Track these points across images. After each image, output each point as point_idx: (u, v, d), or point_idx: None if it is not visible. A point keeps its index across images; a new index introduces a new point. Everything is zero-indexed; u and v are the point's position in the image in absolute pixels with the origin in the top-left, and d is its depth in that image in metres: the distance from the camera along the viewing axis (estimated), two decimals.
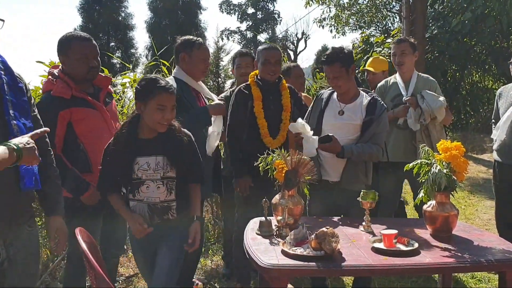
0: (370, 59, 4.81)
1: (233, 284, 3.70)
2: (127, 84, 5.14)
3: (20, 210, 2.03)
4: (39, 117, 2.14)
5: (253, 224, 2.75)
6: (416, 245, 2.30)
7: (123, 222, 2.93)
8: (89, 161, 2.77)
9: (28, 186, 1.93)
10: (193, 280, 3.68)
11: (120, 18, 25.83)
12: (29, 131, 1.92)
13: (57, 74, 2.79)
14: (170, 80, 3.15)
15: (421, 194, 2.53)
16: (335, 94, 3.23)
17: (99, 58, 2.87)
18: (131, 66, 6.70)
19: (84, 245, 1.95)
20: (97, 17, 25.19)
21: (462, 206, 6.06)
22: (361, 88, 3.27)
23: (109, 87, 3.05)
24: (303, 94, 4.35)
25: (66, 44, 2.76)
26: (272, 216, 2.74)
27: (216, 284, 3.80)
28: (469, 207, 6.02)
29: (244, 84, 3.61)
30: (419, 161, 2.52)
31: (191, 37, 3.23)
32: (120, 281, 3.92)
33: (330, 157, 3.13)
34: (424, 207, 2.55)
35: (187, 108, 3.09)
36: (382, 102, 3.17)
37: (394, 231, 2.33)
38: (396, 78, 4.03)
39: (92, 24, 24.88)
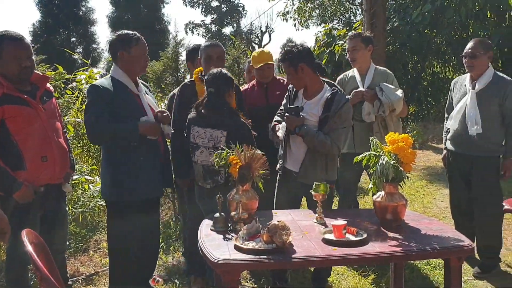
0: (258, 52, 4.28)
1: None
2: (83, 81, 5.05)
3: None
4: None
5: (208, 220, 2.76)
6: (365, 235, 2.36)
7: (64, 219, 3.16)
8: (23, 158, 2.81)
9: None
10: (154, 276, 3.68)
11: (80, 13, 25.22)
12: None
13: None
14: (106, 80, 3.10)
15: (371, 185, 2.59)
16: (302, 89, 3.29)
17: (33, 58, 2.91)
18: (89, 62, 6.61)
19: (29, 247, 1.92)
20: (57, 12, 24.49)
21: (421, 195, 6.22)
22: (327, 80, 3.30)
23: (48, 85, 3.08)
24: None
25: None
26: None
27: (176, 280, 3.80)
28: (427, 196, 6.18)
29: (188, 80, 3.68)
30: (367, 153, 2.58)
31: (127, 32, 3.12)
32: (80, 280, 3.88)
33: (293, 146, 3.23)
34: (374, 197, 2.62)
35: (119, 116, 3.01)
36: (343, 96, 3.17)
37: (344, 222, 2.38)
38: (354, 71, 4.09)
39: (51, 19, 24.23)
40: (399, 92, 3.81)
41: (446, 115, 4.09)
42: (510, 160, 3.71)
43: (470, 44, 3.73)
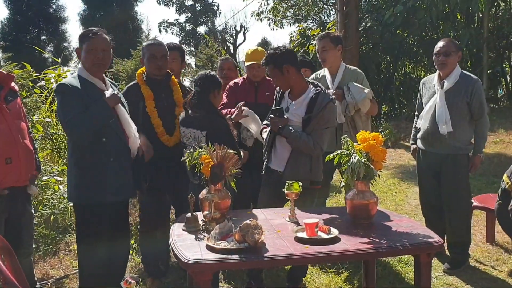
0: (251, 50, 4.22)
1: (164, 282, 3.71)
2: (52, 80, 4.95)
3: None
4: None
5: (180, 220, 2.73)
6: (337, 232, 2.38)
7: (29, 221, 3.10)
8: None
9: None
10: (126, 278, 3.63)
11: (51, 10, 24.62)
12: None
13: None
14: (74, 79, 2.99)
15: (342, 183, 2.61)
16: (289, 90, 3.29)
17: None
18: (60, 61, 6.48)
19: None
20: (26, 9, 23.81)
21: (393, 193, 6.29)
22: (312, 81, 3.30)
23: (13, 84, 2.98)
24: None
25: None
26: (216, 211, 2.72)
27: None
28: (399, 194, 6.26)
29: (132, 83, 3.63)
30: (339, 151, 2.59)
31: (90, 28, 3.04)
32: (50, 283, 3.80)
33: (278, 146, 3.24)
34: (345, 195, 2.63)
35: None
36: (327, 96, 3.14)
37: (316, 220, 2.39)
38: (325, 71, 4.11)
39: (20, 17, 23.55)
40: (366, 91, 3.82)
41: (416, 113, 4.15)
42: (478, 157, 3.80)
43: (442, 43, 3.78)
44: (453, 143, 3.74)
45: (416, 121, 4.11)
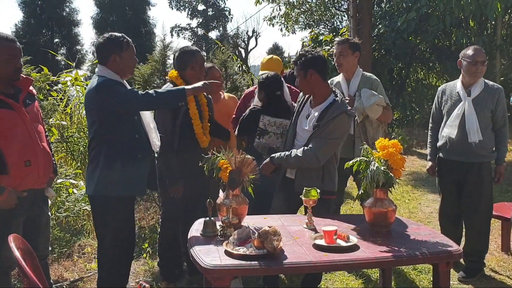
0: (266, 59, 4.45)
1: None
2: (68, 83, 5.00)
3: None
4: None
5: (198, 225, 2.74)
6: (356, 240, 2.37)
7: (46, 224, 3.12)
8: (5, 162, 2.74)
9: None
10: (140, 282, 3.65)
11: (64, 14, 24.76)
12: None
13: None
14: (95, 79, 3.03)
15: (361, 190, 2.60)
16: (311, 97, 3.29)
17: (21, 60, 2.88)
18: (74, 64, 6.55)
19: (17, 253, 1.88)
20: (40, 12, 24.00)
21: (406, 200, 6.25)
22: (335, 90, 3.27)
23: (31, 88, 3.02)
24: (227, 94, 4.40)
25: None
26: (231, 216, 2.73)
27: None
28: (412, 201, 6.22)
29: (168, 84, 3.66)
30: (358, 158, 2.59)
31: (116, 35, 3.09)
32: (65, 285, 3.82)
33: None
34: (364, 203, 2.63)
35: (120, 117, 3.03)
36: (341, 107, 3.08)
37: (334, 228, 2.39)
38: (340, 77, 4.10)
39: (34, 20, 23.73)
40: (376, 98, 3.78)
41: (431, 124, 4.08)
42: (503, 166, 3.76)
43: (477, 51, 3.71)
44: (479, 152, 3.68)
45: (431, 135, 4.03)
